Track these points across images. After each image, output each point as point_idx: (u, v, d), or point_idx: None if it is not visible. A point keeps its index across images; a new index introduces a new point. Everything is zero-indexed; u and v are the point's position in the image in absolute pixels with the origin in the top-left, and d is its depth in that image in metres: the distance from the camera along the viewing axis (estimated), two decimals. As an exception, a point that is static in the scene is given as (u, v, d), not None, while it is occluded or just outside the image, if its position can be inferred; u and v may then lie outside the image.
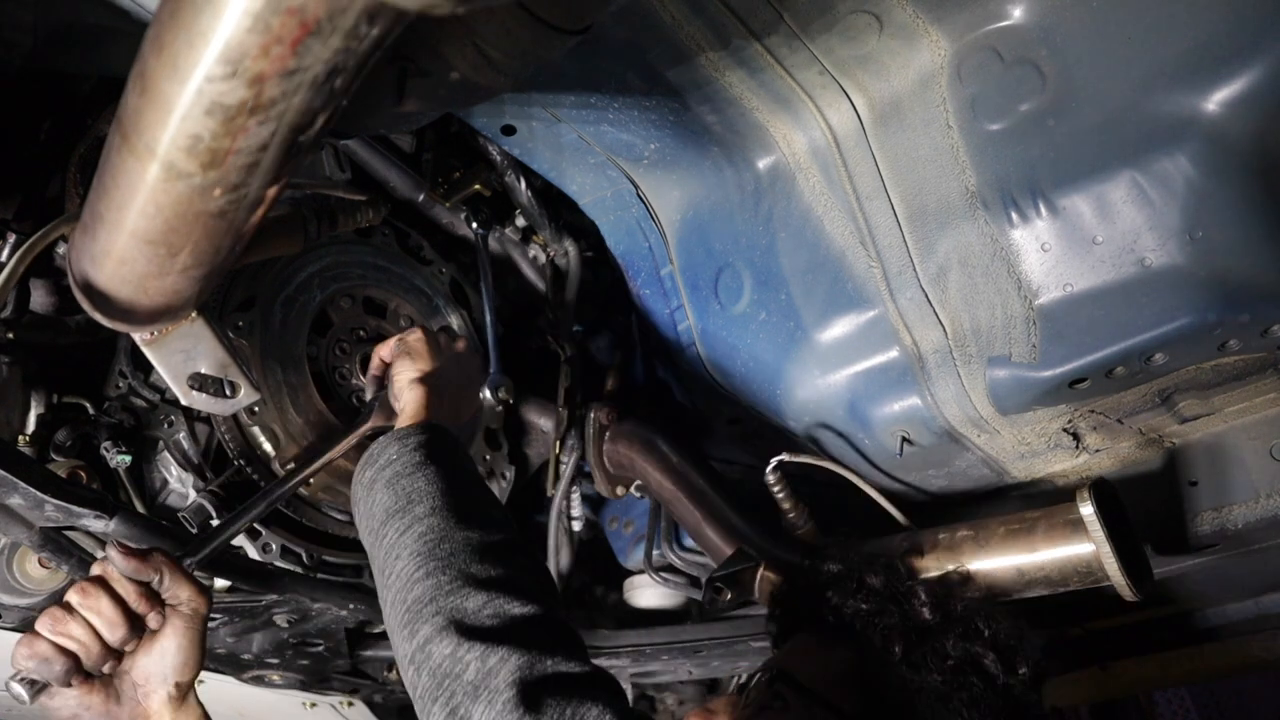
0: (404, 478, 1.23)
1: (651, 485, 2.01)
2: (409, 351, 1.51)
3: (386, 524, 1.19)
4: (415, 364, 1.48)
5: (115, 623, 1.22)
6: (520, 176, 1.96)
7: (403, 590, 1.10)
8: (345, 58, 0.80)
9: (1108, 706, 5.71)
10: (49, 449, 1.60)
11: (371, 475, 1.27)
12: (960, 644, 1.34)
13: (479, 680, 0.99)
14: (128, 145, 0.94)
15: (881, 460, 1.87)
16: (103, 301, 1.21)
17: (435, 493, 1.20)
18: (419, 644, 1.04)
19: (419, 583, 1.09)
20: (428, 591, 1.08)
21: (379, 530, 1.20)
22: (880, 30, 1.50)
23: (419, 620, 1.06)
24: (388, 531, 1.18)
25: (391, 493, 1.22)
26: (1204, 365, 1.58)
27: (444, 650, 1.02)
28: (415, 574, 1.10)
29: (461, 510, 1.19)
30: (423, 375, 1.46)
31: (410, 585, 1.10)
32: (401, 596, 1.10)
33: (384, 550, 1.17)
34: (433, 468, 1.25)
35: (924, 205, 1.59)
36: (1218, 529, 1.82)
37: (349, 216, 1.70)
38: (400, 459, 1.26)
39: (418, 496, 1.20)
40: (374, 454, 1.30)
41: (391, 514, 1.19)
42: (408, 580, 1.11)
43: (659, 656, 2.27)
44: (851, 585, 1.45)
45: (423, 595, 1.08)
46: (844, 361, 1.75)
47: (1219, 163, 1.35)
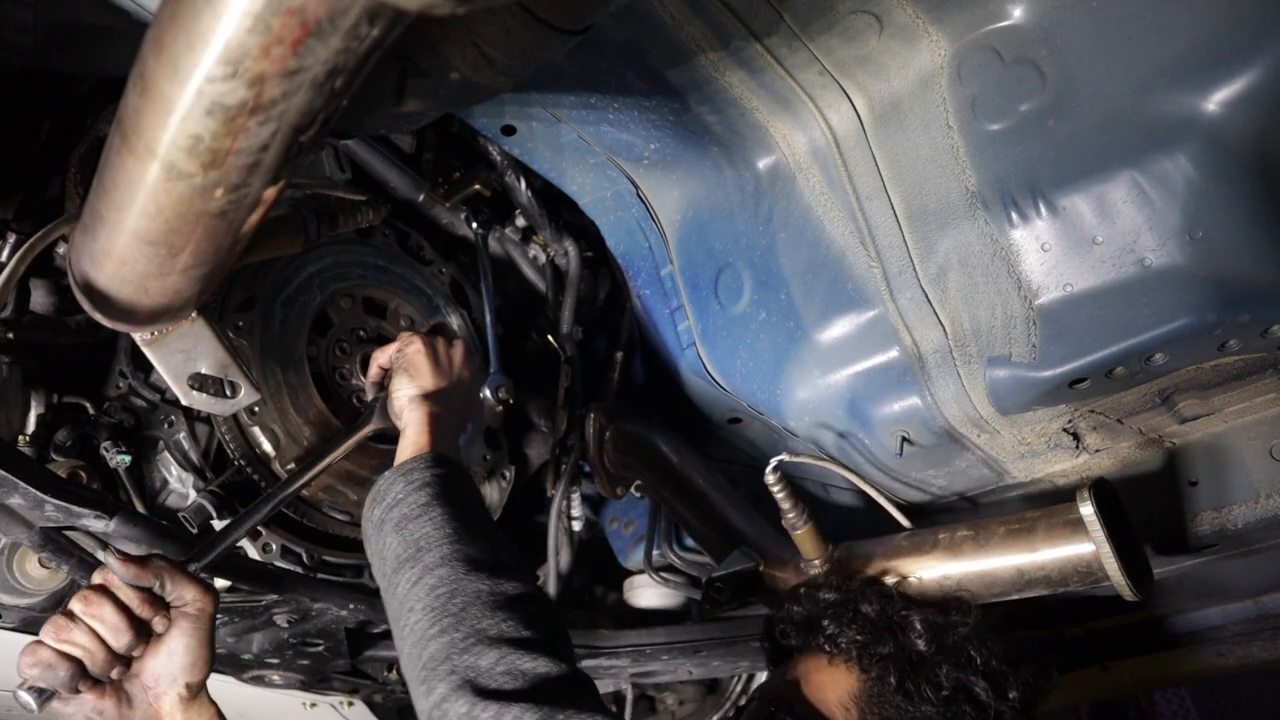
0: (411, 521, 1.25)
1: (651, 485, 2.02)
2: (408, 367, 1.51)
3: (398, 572, 1.21)
4: (415, 380, 1.49)
5: (119, 629, 1.24)
6: (520, 176, 1.96)
7: (417, 646, 1.13)
8: (346, 58, 0.80)
9: (1108, 706, 5.72)
10: (49, 449, 1.60)
11: (380, 515, 1.29)
12: (953, 673, 1.38)
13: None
14: (128, 146, 0.94)
15: (881, 460, 1.87)
16: (103, 302, 1.21)
17: (443, 539, 1.22)
18: (435, 702, 1.07)
19: (433, 640, 1.11)
20: (442, 649, 1.10)
21: (391, 577, 1.22)
22: (880, 30, 1.50)
23: (434, 678, 1.08)
24: (399, 581, 1.20)
25: (400, 539, 1.24)
26: (1204, 365, 1.58)
27: (459, 709, 1.04)
28: (429, 630, 1.12)
29: (470, 558, 1.21)
30: (424, 393, 1.47)
31: (424, 642, 1.12)
32: (417, 652, 1.12)
33: (397, 600, 1.20)
34: (439, 509, 1.26)
35: (924, 205, 1.59)
36: (1218, 529, 1.82)
37: (349, 217, 1.70)
38: (407, 499, 1.27)
39: (427, 544, 1.21)
40: (380, 491, 1.31)
41: (402, 562, 1.21)
42: (421, 636, 1.13)
43: (659, 656, 2.27)
44: (848, 614, 1.47)
45: (437, 653, 1.10)
46: (844, 361, 1.75)
47: (1219, 163, 1.35)
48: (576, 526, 2.23)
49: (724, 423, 2.14)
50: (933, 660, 1.39)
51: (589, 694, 1.12)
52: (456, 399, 1.53)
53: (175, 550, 1.54)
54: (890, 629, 1.43)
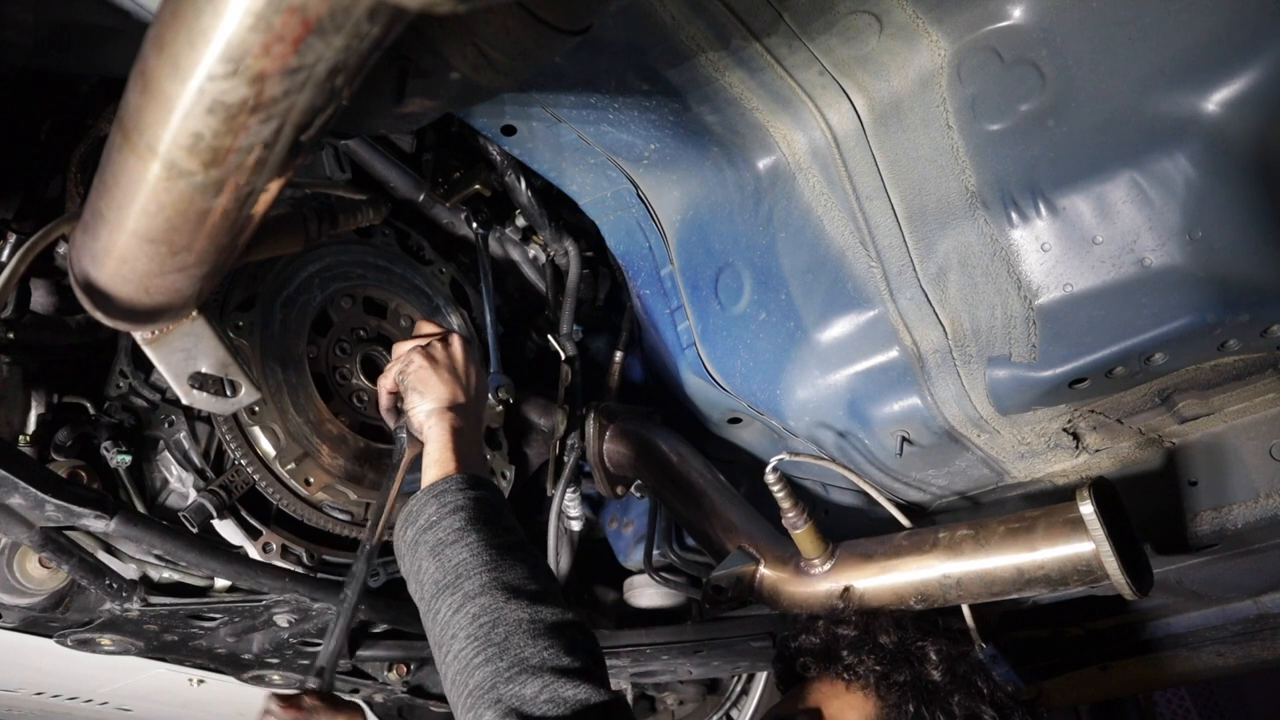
0: (448, 547, 1.28)
1: (651, 485, 2.01)
2: (415, 385, 1.51)
3: (438, 598, 1.25)
4: (426, 394, 1.49)
5: None
6: (520, 176, 1.96)
7: (462, 674, 1.18)
8: (346, 56, 0.80)
9: (1108, 706, 5.71)
10: (49, 449, 1.60)
11: (414, 536, 1.32)
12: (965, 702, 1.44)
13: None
14: (129, 144, 0.94)
15: (881, 460, 1.87)
16: (104, 300, 1.21)
17: (481, 567, 1.26)
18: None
19: (478, 669, 1.16)
20: (487, 679, 1.15)
21: (430, 602, 1.27)
22: (880, 30, 1.50)
23: (480, 706, 1.13)
24: (439, 607, 1.25)
25: (438, 564, 1.27)
26: (1204, 365, 1.58)
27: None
28: (474, 659, 1.17)
29: (509, 585, 1.25)
30: (440, 405, 1.48)
31: (470, 671, 1.17)
32: (463, 680, 1.17)
33: (439, 626, 1.24)
34: (474, 535, 1.29)
35: (924, 205, 1.59)
36: (1217, 529, 1.82)
37: (349, 216, 1.70)
38: (441, 522, 1.31)
39: (465, 571, 1.25)
40: (413, 514, 1.34)
41: (441, 589, 1.26)
42: (466, 665, 1.18)
43: (659, 656, 2.27)
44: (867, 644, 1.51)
45: (483, 682, 1.15)
46: (844, 361, 1.75)
47: (1219, 163, 1.36)
48: (576, 526, 2.23)
49: (724, 423, 2.14)
50: (946, 689, 1.44)
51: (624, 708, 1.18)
52: (471, 399, 1.53)
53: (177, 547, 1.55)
54: (907, 659, 1.48)
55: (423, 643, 2.07)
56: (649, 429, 2.05)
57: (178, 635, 1.82)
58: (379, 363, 1.93)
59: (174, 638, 1.83)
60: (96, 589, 1.60)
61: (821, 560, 1.75)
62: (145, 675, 2.19)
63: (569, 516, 2.22)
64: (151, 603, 1.66)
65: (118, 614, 1.67)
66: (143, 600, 1.65)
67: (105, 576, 1.60)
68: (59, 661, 1.91)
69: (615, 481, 2.13)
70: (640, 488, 2.17)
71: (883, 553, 1.72)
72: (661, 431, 2.04)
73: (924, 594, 1.66)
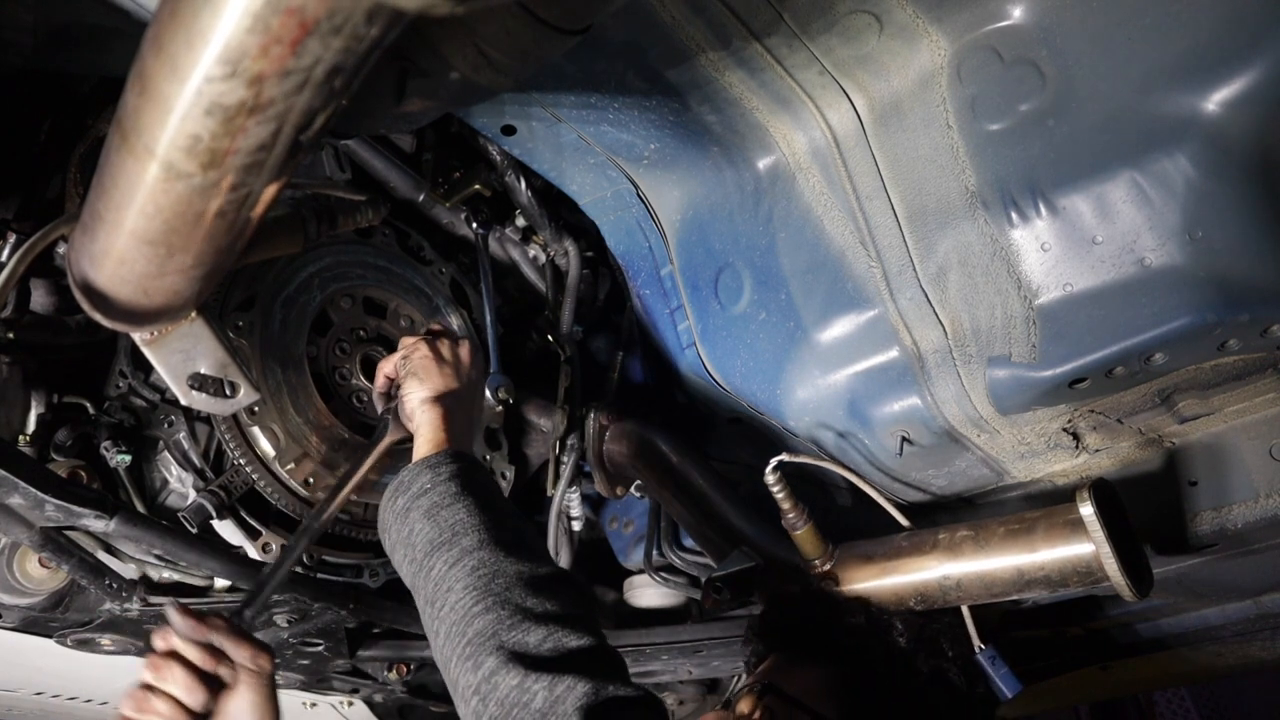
0: (443, 509, 1.28)
1: (651, 485, 2.01)
2: (416, 371, 1.52)
3: (432, 555, 1.24)
4: (425, 383, 1.50)
5: (192, 687, 1.28)
6: (520, 176, 1.96)
7: (460, 623, 1.16)
8: (345, 58, 0.80)
9: (1108, 706, 5.72)
10: (49, 449, 1.60)
11: (405, 503, 1.31)
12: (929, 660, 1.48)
13: (546, 708, 1.06)
14: (127, 145, 0.94)
15: (881, 460, 1.87)
16: (102, 301, 1.21)
17: (479, 525, 1.25)
18: (484, 675, 1.11)
19: (479, 617, 1.15)
20: (489, 625, 1.14)
21: (423, 561, 1.25)
22: (880, 30, 1.50)
23: (482, 653, 1.12)
24: (435, 563, 1.23)
25: (433, 524, 1.27)
26: (1204, 365, 1.58)
27: (511, 681, 1.09)
28: (474, 608, 1.16)
29: (507, 543, 1.25)
30: (435, 395, 1.48)
31: (470, 619, 1.16)
32: (460, 629, 1.16)
33: (432, 582, 1.23)
34: (470, 499, 1.29)
35: (924, 205, 1.59)
36: (1217, 529, 1.82)
37: (349, 216, 1.70)
38: (435, 488, 1.30)
39: (462, 529, 1.25)
40: (405, 481, 1.34)
41: (437, 545, 1.24)
42: (465, 614, 1.16)
43: (659, 656, 2.27)
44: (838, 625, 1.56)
45: (484, 629, 1.14)
46: (844, 361, 1.75)
47: (1219, 163, 1.35)
48: (576, 526, 2.23)
49: (724, 423, 2.14)
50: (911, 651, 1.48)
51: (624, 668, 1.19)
52: (466, 398, 1.55)
53: (177, 547, 1.55)
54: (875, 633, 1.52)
55: (423, 643, 2.07)
56: (649, 429, 2.05)
57: (178, 635, 1.82)
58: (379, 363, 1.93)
59: (174, 638, 1.83)
60: (96, 589, 1.61)
61: (821, 561, 1.75)
62: (145, 675, 2.19)
63: (569, 516, 2.22)
64: (151, 603, 1.66)
65: (118, 614, 1.67)
66: (143, 600, 1.65)
67: (105, 576, 1.60)
68: (59, 661, 1.91)
69: (615, 481, 2.13)
70: (640, 488, 2.17)
71: (882, 553, 1.72)
72: (661, 431, 2.04)
73: (924, 595, 1.66)
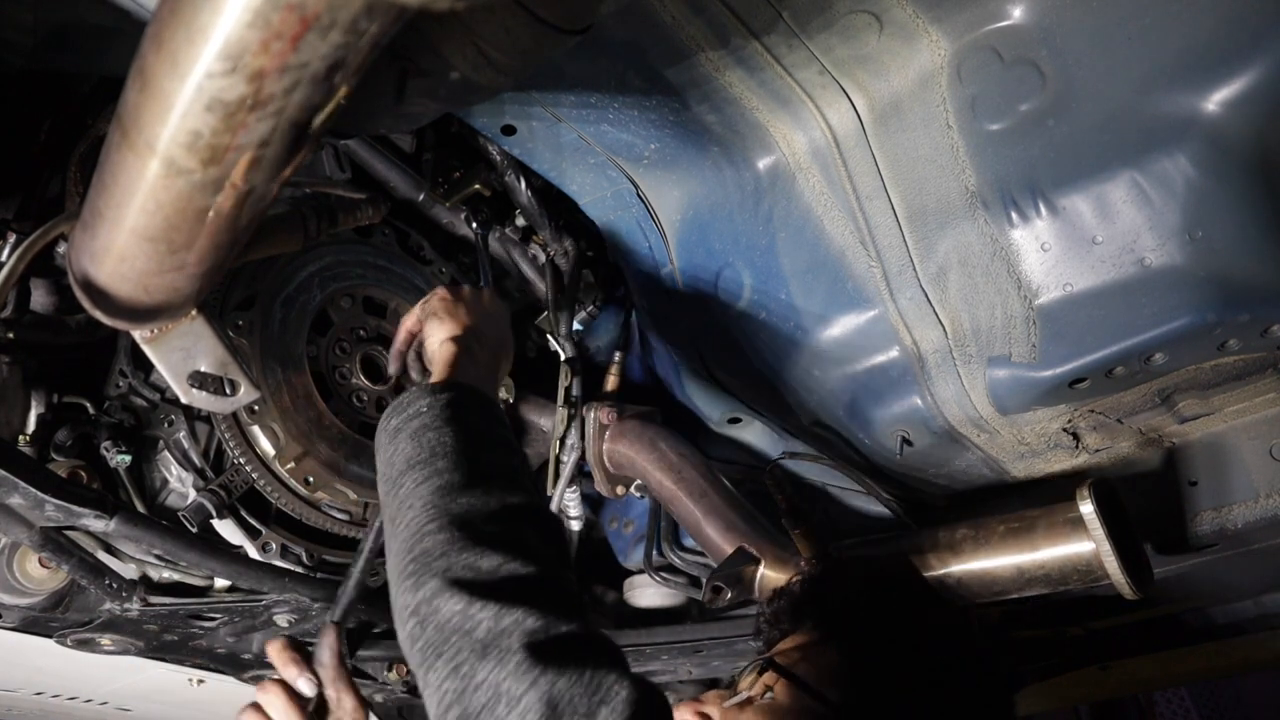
0: (430, 430, 1.19)
1: (651, 485, 2.01)
2: (434, 314, 1.46)
3: (405, 474, 1.15)
4: (444, 324, 1.43)
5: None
6: (520, 176, 1.96)
7: (410, 539, 1.06)
8: (345, 54, 0.80)
9: (1108, 706, 5.72)
10: (49, 449, 1.60)
11: (397, 424, 1.23)
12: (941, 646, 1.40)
13: (489, 639, 0.95)
14: (127, 142, 0.94)
15: (881, 460, 1.87)
16: (103, 299, 1.21)
17: (460, 449, 1.16)
18: (425, 597, 1.00)
19: (430, 535, 1.05)
20: (439, 545, 1.03)
21: (397, 479, 1.16)
22: (880, 30, 1.50)
23: (426, 573, 1.02)
24: (405, 481, 1.14)
25: (416, 444, 1.18)
26: (1204, 365, 1.58)
27: (454, 607, 0.98)
28: (427, 526, 1.06)
29: (486, 469, 1.16)
30: (453, 335, 1.41)
31: (420, 536, 1.05)
32: (408, 545, 1.06)
33: (398, 500, 1.13)
34: (461, 424, 1.20)
35: (924, 205, 1.59)
36: (1218, 529, 1.82)
37: (349, 215, 1.70)
38: (430, 411, 1.21)
39: (442, 450, 1.15)
40: (403, 403, 1.25)
41: (412, 464, 1.15)
42: (417, 531, 1.06)
43: (659, 656, 2.27)
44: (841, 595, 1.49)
45: (432, 549, 1.03)
46: (844, 361, 1.75)
47: (1219, 163, 1.35)
48: (576, 526, 2.23)
49: (724, 423, 2.14)
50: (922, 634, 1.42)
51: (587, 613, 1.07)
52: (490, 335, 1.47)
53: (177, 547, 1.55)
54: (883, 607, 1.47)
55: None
56: (649, 429, 2.04)
57: (178, 635, 1.82)
58: (379, 362, 1.93)
59: (174, 638, 1.83)
60: (96, 589, 1.61)
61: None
62: (145, 675, 2.19)
63: (569, 516, 2.22)
64: (151, 603, 1.67)
65: (118, 614, 1.67)
66: (143, 600, 1.65)
67: (105, 576, 1.60)
68: (59, 661, 1.91)
69: (615, 481, 2.13)
70: (640, 488, 2.17)
71: (882, 553, 1.72)
72: (662, 431, 2.04)
73: (923, 594, 1.66)
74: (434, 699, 0.96)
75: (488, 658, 0.94)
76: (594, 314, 2.31)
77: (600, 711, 0.92)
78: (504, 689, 0.92)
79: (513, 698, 0.91)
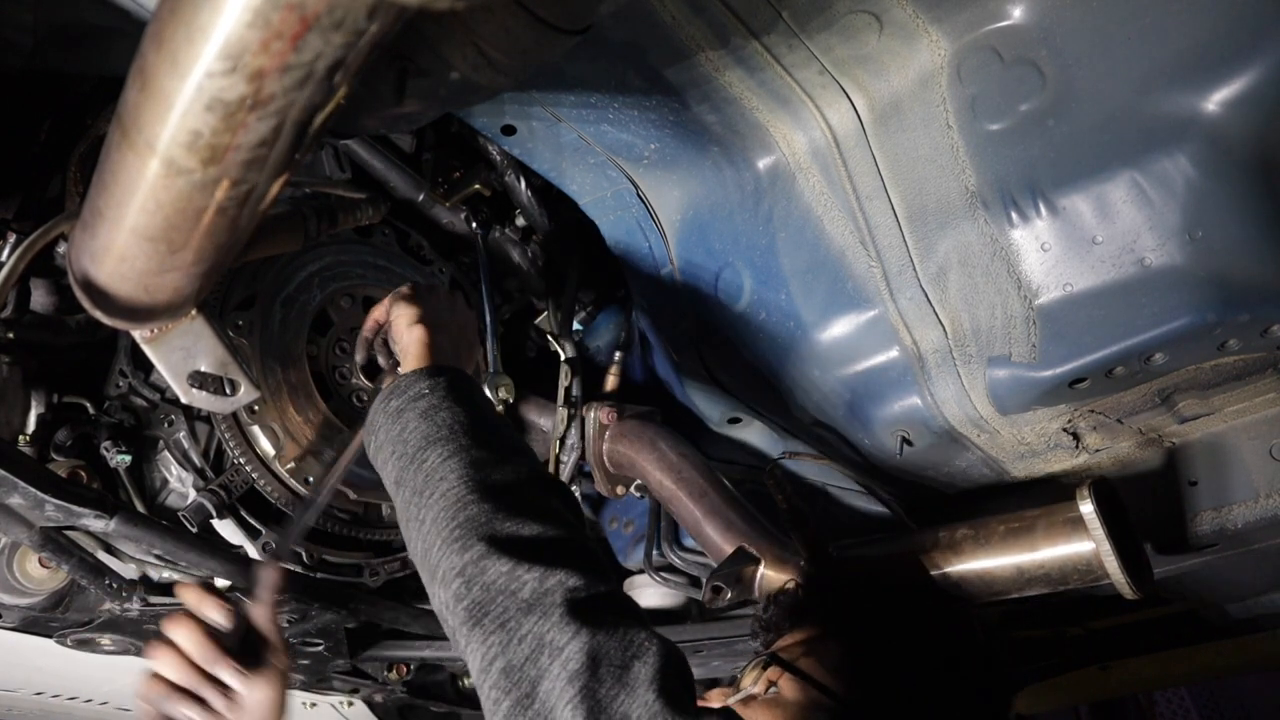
0: (440, 410, 1.25)
1: (651, 485, 2.01)
2: (403, 298, 1.49)
3: (427, 450, 1.20)
4: (411, 308, 1.46)
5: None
6: (520, 176, 1.96)
7: (451, 508, 1.13)
8: (345, 53, 0.80)
9: (1108, 706, 5.72)
10: (49, 449, 1.60)
11: (399, 404, 1.28)
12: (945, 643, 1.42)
13: (534, 598, 1.03)
14: (128, 141, 0.94)
15: (881, 460, 1.87)
16: (103, 299, 1.21)
17: (476, 429, 1.23)
18: (473, 558, 1.07)
19: (473, 504, 1.12)
20: (483, 513, 1.11)
21: (415, 455, 1.21)
22: (880, 30, 1.50)
23: (472, 537, 1.09)
24: (429, 456, 1.20)
25: (429, 422, 1.24)
26: (1204, 365, 1.58)
27: (501, 568, 1.05)
28: (467, 496, 1.13)
29: (505, 444, 1.24)
30: (421, 317, 1.44)
31: (463, 505, 1.12)
32: (450, 514, 1.12)
33: (424, 473, 1.19)
34: (467, 405, 1.27)
35: (924, 205, 1.59)
36: (1218, 529, 1.82)
37: (349, 214, 1.70)
38: (433, 393, 1.27)
39: (459, 429, 1.22)
40: (401, 385, 1.30)
41: (432, 441, 1.21)
42: (458, 500, 1.13)
43: (659, 657, 2.26)
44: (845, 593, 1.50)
45: (476, 515, 1.11)
46: (844, 361, 1.75)
47: (1219, 163, 1.35)
48: (576, 526, 2.23)
49: (724, 423, 2.14)
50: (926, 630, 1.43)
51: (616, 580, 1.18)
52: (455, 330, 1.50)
53: (177, 547, 1.55)
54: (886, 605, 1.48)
55: (423, 642, 2.07)
56: (649, 429, 2.04)
57: (177, 635, 1.82)
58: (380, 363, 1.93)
59: (174, 637, 1.83)
60: (96, 589, 1.61)
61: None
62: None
63: (569, 516, 2.22)
64: (151, 602, 1.66)
65: (118, 614, 1.67)
66: (143, 600, 1.65)
67: (105, 576, 1.60)
68: (59, 661, 1.91)
69: (615, 481, 2.13)
70: (640, 488, 2.17)
71: (882, 553, 1.72)
72: (662, 431, 2.04)
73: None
74: (477, 654, 1.03)
75: (532, 613, 1.02)
76: (594, 314, 2.32)
77: (634, 665, 1.00)
78: (548, 639, 1.00)
79: (556, 647, 0.99)
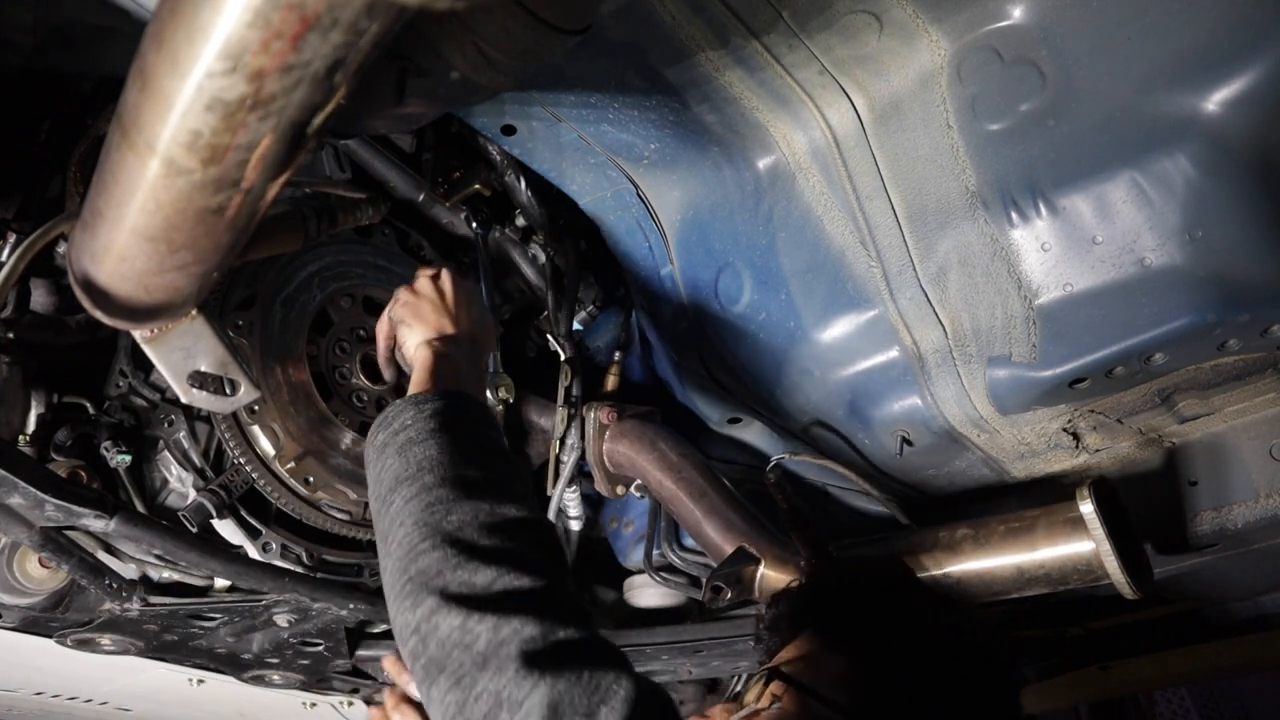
0: (416, 444, 1.20)
1: (651, 485, 2.01)
2: (403, 320, 1.47)
3: (394, 491, 1.16)
4: (414, 328, 1.44)
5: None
6: (520, 176, 1.96)
7: (404, 559, 1.08)
8: (345, 53, 0.80)
9: (1108, 706, 5.71)
10: (49, 449, 1.60)
11: (384, 439, 1.24)
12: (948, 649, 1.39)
13: (488, 651, 0.98)
14: (128, 141, 0.94)
15: (881, 460, 1.87)
16: (103, 299, 1.21)
17: (447, 462, 1.17)
18: (424, 614, 1.03)
19: (424, 554, 1.07)
20: (434, 564, 1.06)
21: (386, 497, 1.17)
22: (880, 30, 1.50)
23: (423, 592, 1.04)
24: (394, 499, 1.16)
25: (402, 459, 1.19)
26: (1204, 365, 1.58)
27: (452, 622, 1.01)
28: (420, 545, 1.08)
29: (473, 480, 1.17)
30: (426, 338, 1.42)
31: (414, 556, 1.07)
32: (403, 566, 1.08)
33: (388, 519, 1.15)
34: (447, 435, 1.21)
35: (924, 205, 1.59)
36: (1218, 529, 1.82)
37: (349, 214, 1.70)
38: (415, 425, 1.22)
39: (428, 465, 1.17)
40: (388, 417, 1.26)
41: (400, 481, 1.16)
42: (410, 550, 1.08)
43: (659, 656, 2.27)
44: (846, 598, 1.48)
45: (428, 567, 1.05)
46: (844, 361, 1.75)
47: (1219, 163, 1.35)
48: (576, 526, 2.23)
49: (724, 423, 2.14)
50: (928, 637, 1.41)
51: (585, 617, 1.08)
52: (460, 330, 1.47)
53: (177, 547, 1.54)
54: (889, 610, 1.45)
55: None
56: (649, 429, 2.04)
57: (178, 635, 1.82)
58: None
59: (174, 638, 1.83)
60: (96, 589, 1.61)
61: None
62: (145, 675, 2.20)
63: (569, 516, 2.22)
64: (151, 603, 1.67)
65: (118, 614, 1.67)
66: (143, 600, 1.65)
67: (105, 576, 1.60)
68: (59, 661, 1.91)
69: (615, 481, 2.13)
70: (640, 487, 2.17)
71: (882, 553, 1.72)
72: (662, 431, 2.04)
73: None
74: (438, 713, 0.99)
75: (487, 668, 0.97)
76: (594, 314, 2.32)
77: (600, 711, 0.94)
78: (504, 695, 0.95)
79: (514, 703, 0.94)
